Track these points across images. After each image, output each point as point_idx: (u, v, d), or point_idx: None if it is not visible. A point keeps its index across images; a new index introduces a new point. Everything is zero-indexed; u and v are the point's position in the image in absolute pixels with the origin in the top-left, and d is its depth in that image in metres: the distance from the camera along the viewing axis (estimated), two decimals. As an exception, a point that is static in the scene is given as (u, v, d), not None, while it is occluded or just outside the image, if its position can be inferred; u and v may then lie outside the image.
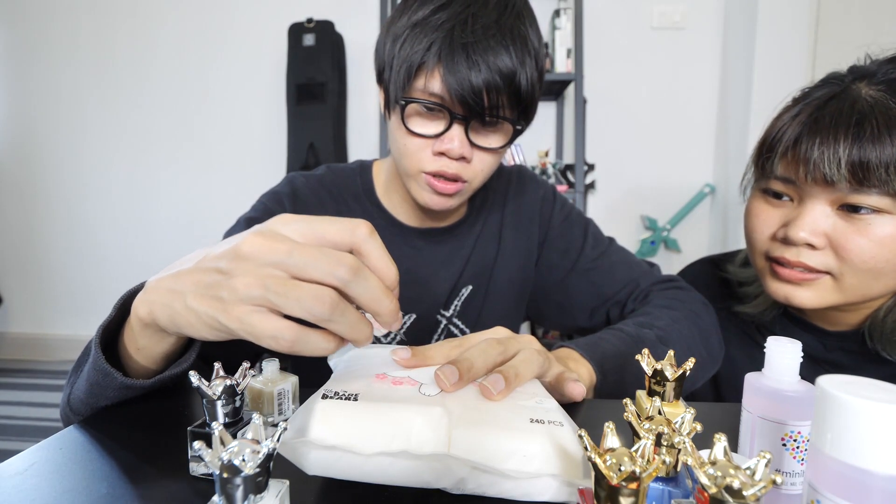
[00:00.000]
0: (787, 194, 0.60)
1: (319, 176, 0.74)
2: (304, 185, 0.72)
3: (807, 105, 0.58)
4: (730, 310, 0.74)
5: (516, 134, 0.62)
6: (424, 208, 0.69)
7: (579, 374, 0.53)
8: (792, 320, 0.70)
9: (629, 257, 0.78)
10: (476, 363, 0.40)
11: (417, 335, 0.74)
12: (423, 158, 0.60)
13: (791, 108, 0.60)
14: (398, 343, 0.73)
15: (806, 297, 0.60)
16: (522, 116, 0.61)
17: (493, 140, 0.61)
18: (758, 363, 0.60)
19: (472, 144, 0.59)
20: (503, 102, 0.57)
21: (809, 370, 0.63)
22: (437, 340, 0.74)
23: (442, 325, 0.75)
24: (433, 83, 0.56)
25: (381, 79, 0.64)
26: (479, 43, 0.54)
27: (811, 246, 0.57)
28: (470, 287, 0.76)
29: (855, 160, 0.53)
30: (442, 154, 0.59)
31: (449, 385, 0.38)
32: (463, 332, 0.76)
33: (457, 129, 0.58)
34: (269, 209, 0.69)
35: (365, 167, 0.76)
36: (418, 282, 0.72)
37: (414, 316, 0.73)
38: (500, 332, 0.48)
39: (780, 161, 0.59)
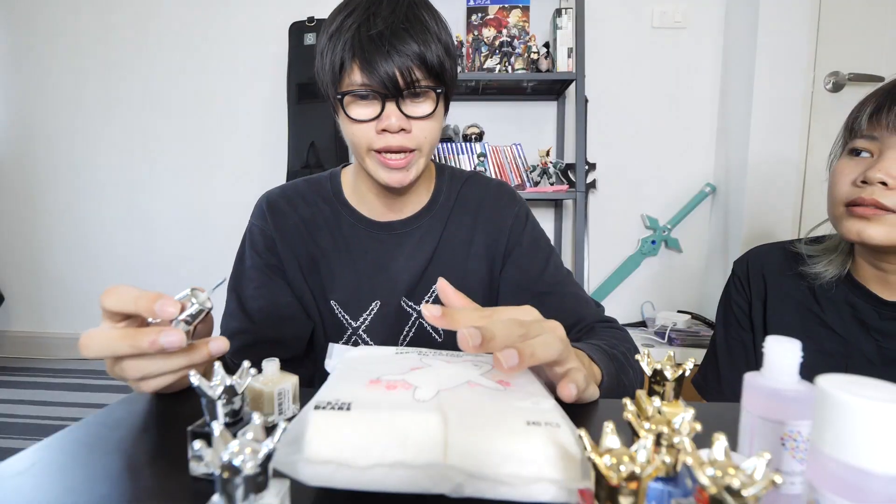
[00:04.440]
0: (868, 150, 0.71)
1: (294, 184, 0.84)
2: (279, 194, 0.82)
3: (889, 83, 0.71)
4: (797, 274, 0.83)
5: (444, 98, 0.71)
6: (386, 201, 0.79)
7: (593, 372, 0.55)
8: (853, 287, 0.78)
9: (581, 293, 0.82)
10: (498, 336, 0.40)
11: (383, 321, 0.79)
12: (370, 139, 0.69)
13: (879, 88, 0.73)
14: (357, 333, 0.80)
15: (875, 231, 0.68)
16: (440, 82, 0.68)
17: (424, 108, 0.69)
18: (809, 331, 0.79)
19: (407, 117, 0.67)
20: (416, 76, 0.65)
21: (860, 335, 0.77)
22: (409, 333, 0.80)
23: (412, 319, 0.80)
24: (356, 76, 0.65)
25: (326, 95, 0.72)
26: (382, 33, 0.63)
27: (885, 185, 0.67)
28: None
29: None
30: (384, 131, 0.67)
31: (470, 346, 0.38)
32: (436, 330, 0.81)
33: (390, 107, 0.66)
34: (252, 231, 0.80)
35: (335, 174, 0.84)
36: (381, 271, 0.79)
37: (378, 302, 0.79)
38: (528, 311, 0.48)
39: (867, 120, 0.70)
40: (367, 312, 0.79)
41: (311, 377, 0.82)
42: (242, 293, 0.77)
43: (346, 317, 0.79)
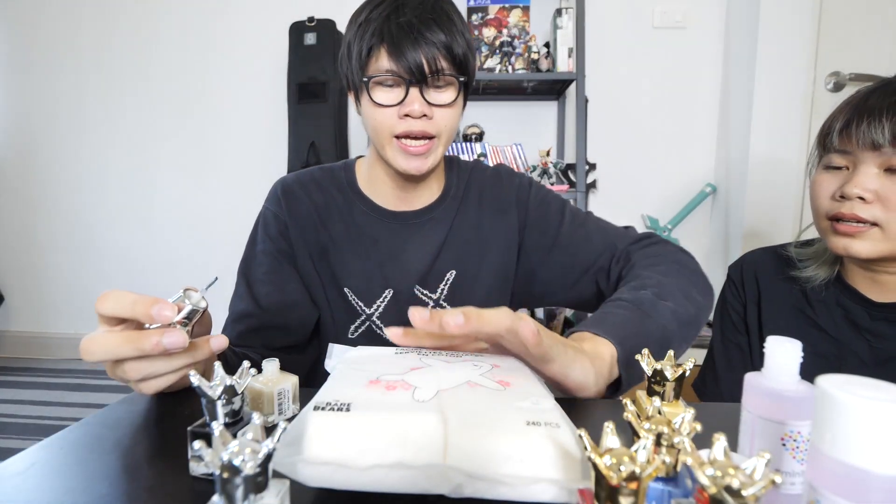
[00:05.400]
0: (844, 165, 0.73)
1: (309, 171, 0.85)
2: (294, 179, 0.83)
3: (856, 95, 0.74)
4: (788, 278, 0.84)
5: (464, 89, 0.74)
6: (400, 192, 0.81)
7: (598, 352, 0.54)
8: (844, 289, 0.79)
9: (605, 224, 0.83)
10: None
11: (398, 309, 0.80)
12: (392, 124, 0.71)
13: (846, 101, 0.76)
14: (371, 319, 0.81)
15: (860, 246, 0.71)
16: (463, 72, 0.71)
17: (446, 96, 0.71)
18: (803, 334, 0.77)
19: (430, 104, 0.70)
20: (441, 65, 0.68)
21: (852, 337, 0.78)
22: None
23: (429, 307, 0.79)
24: (383, 62, 0.67)
25: (350, 87, 0.76)
26: (411, 21, 0.66)
27: (862, 200, 0.69)
28: (454, 272, 0.82)
29: None
30: (407, 116, 0.69)
31: (452, 326, 0.41)
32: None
33: (414, 93, 0.69)
34: (266, 215, 0.81)
35: (349, 164, 0.86)
36: (393, 259, 0.81)
37: (391, 290, 0.80)
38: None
39: (837, 136, 0.73)
40: (381, 300, 0.81)
41: (315, 363, 0.83)
42: (251, 277, 0.79)
43: (361, 304, 0.81)
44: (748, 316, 0.87)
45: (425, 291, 0.82)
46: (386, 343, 0.80)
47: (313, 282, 0.81)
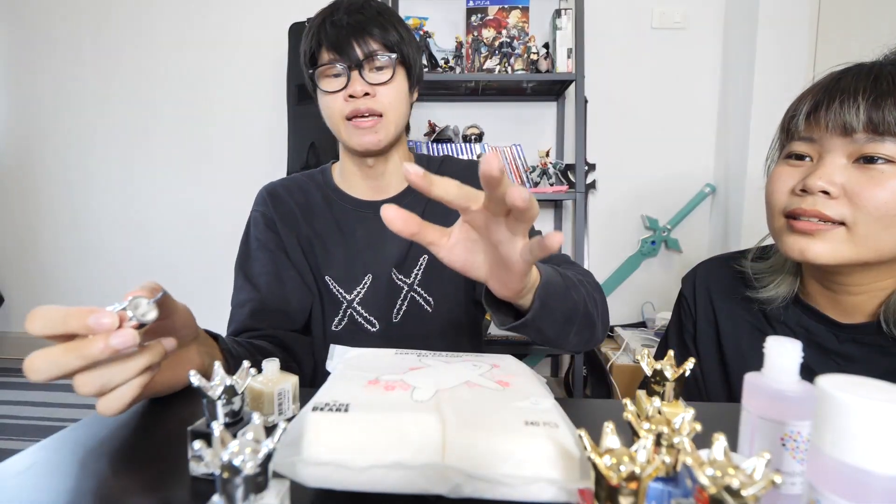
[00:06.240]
0: (807, 154, 0.64)
1: (290, 176, 0.93)
2: (277, 183, 0.91)
3: (826, 77, 0.66)
4: (745, 298, 0.75)
5: (406, 71, 0.82)
6: (370, 182, 0.88)
7: (533, 268, 0.51)
8: (805, 311, 0.71)
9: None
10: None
11: (376, 294, 0.85)
12: (341, 107, 0.79)
13: (815, 83, 0.68)
14: (352, 306, 0.84)
15: (820, 249, 0.61)
16: (392, 51, 0.79)
17: (383, 75, 0.80)
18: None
19: (370, 84, 0.78)
20: (373, 47, 0.78)
21: (820, 361, 0.68)
22: (402, 307, 0.87)
23: (404, 292, 0.87)
24: (324, 55, 0.78)
25: (312, 92, 0.85)
26: (342, 19, 0.77)
27: (827, 194, 0.60)
28: (426, 257, 0.87)
29: (872, 108, 0.57)
30: (352, 97, 0.78)
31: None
32: (427, 301, 0.87)
33: (355, 76, 0.78)
34: (255, 216, 0.88)
35: (325, 168, 0.95)
36: (371, 246, 0.87)
37: (371, 276, 0.86)
38: None
39: (804, 120, 0.64)
40: (361, 286, 0.86)
41: (310, 353, 0.86)
42: (249, 270, 0.85)
43: (341, 291, 0.86)
44: (699, 336, 0.80)
45: (401, 276, 0.87)
46: (365, 331, 0.85)
47: (305, 273, 0.86)
